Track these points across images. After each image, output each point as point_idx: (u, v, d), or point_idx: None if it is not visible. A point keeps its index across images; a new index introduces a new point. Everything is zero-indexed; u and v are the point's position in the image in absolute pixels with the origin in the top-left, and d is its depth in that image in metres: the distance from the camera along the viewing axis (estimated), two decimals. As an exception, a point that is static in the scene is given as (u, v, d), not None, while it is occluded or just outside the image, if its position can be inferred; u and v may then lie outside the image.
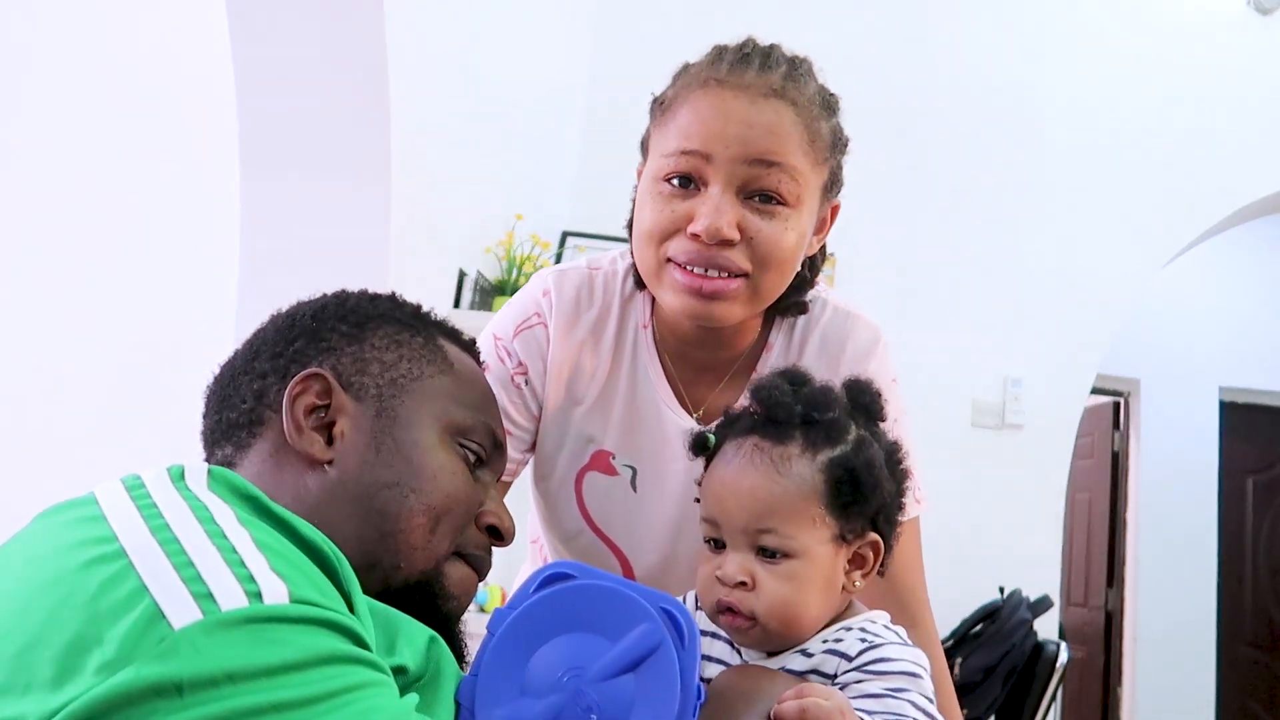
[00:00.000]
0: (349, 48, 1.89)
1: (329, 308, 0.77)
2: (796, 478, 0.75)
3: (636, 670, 0.62)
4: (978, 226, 3.40)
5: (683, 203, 0.86)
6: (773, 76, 0.86)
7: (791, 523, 0.74)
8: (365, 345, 0.74)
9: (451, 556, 0.73)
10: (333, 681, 0.51)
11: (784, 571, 0.74)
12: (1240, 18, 3.62)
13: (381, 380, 0.73)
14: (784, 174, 0.85)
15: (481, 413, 0.77)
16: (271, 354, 0.74)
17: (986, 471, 3.25)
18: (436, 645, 0.64)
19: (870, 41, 3.43)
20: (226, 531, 0.55)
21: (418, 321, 0.79)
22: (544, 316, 1.01)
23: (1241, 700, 4.82)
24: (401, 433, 0.71)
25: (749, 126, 0.84)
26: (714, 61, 0.88)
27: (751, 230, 0.85)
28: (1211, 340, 4.93)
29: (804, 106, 0.86)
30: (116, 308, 2.78)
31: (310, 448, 0.69)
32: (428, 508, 0.70)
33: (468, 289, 2.68)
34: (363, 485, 0.69)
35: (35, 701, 0.47)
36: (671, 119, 0.88)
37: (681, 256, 0.86)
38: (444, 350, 0.78)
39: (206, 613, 0.49)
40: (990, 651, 2.80)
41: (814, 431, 0.76)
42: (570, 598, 0.65)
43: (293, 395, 0.70)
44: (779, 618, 0.73)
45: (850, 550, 0.77)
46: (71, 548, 0.54)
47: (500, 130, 2.75)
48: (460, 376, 0.77)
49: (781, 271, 0.89)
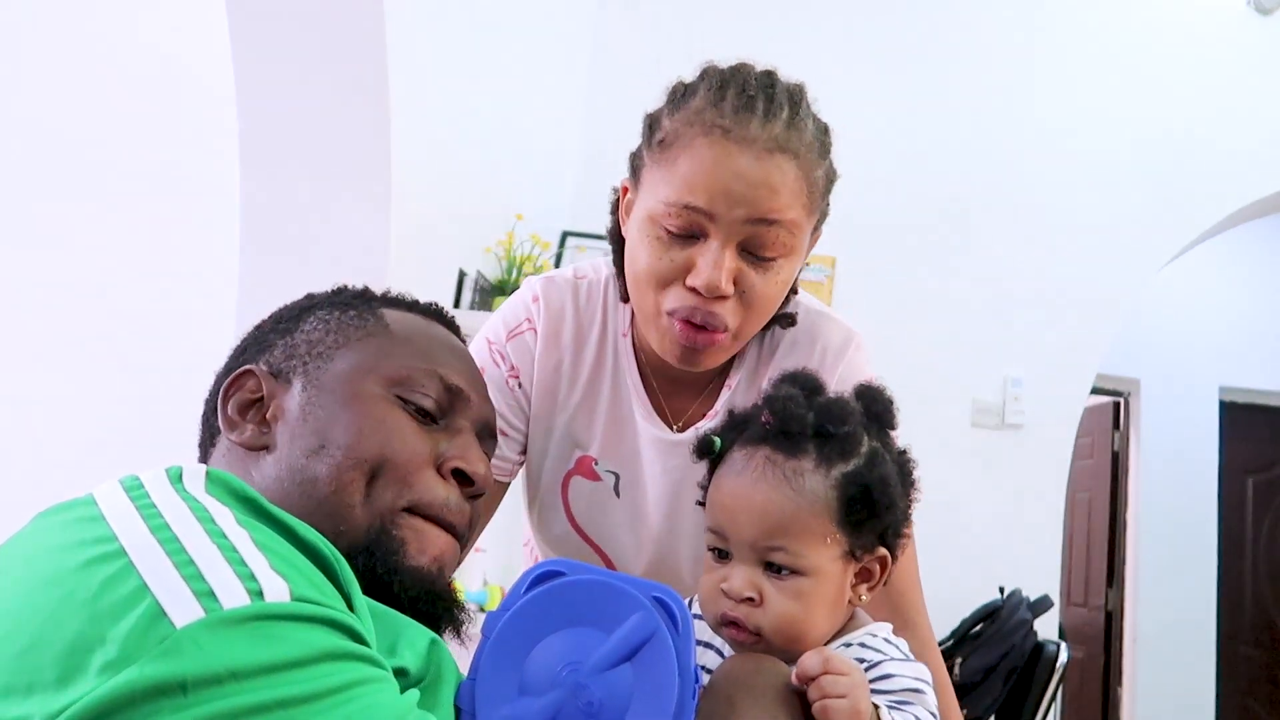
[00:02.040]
0: (349, 48, 1.89)
1: (272, 314, 0.80)
2: (809, 494, 0.73)
3: (634, 659, 0.62)
4: (978, 226, 3.40)
5: (681, 251, 0.86)
6: (776, 126, 0.85)
7: (803, 540, 0.72)
8: (297, 334, 0.76)
9: (402, 512, 0.70)
10: (334, 678, 0.51)
11: (792, 589, 0.73)
12: (1240, 18, 3.62)
13: (307, 357, 0.74)
14: (783, 230, 0.86)
15: (423, 361, 0.75)
16: (225, 370, 0.77)
17: (986, 471, 3.25)
18: (437, 648, 0.64)
19: (869, 41, 3.43)
20: (226, 531, 0.55)
21: (356, 299, 0.79)
22: (535, 322, 1.03)
23: (1241, 700, 4.82)
24: (326, 398, 0.71)
25: (754, 187, 0.84)
26: (717, 102, 0.86)
27: (746, 284, 0.86)
28: (1211, 340, 4.93)
29: (805, 158, 0.86)
30: (116, 308, 2.78)
31: (244, 437, 0.71)
32: (358, 462, 0.69)
33: (468, 289, 2.68)
34: (295, 458, 0.69)
35: (39, 702, 0.47)
36: (672, 163, 0.86)
37: (681, 311, 0.87)
38: (380, 315, 0.78)
39: (208, 611, 0.49)
40: (990, 651, 2.80)
41: (828, 445, 0.74)
42: (562, 594, 0.65)
43: (225, 394, 0.73)
44: (785, 635, 0.72)
45: (859, 565, 0.76)
46: (70, 548, 0.54)
47: (500, 130, 2.75)
48: (394, 333, 0.76)
49: (765, 318, 0.91)
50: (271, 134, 1.96)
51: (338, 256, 2.01)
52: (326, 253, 2.01)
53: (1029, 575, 3.08)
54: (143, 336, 2.71)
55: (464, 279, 2.68)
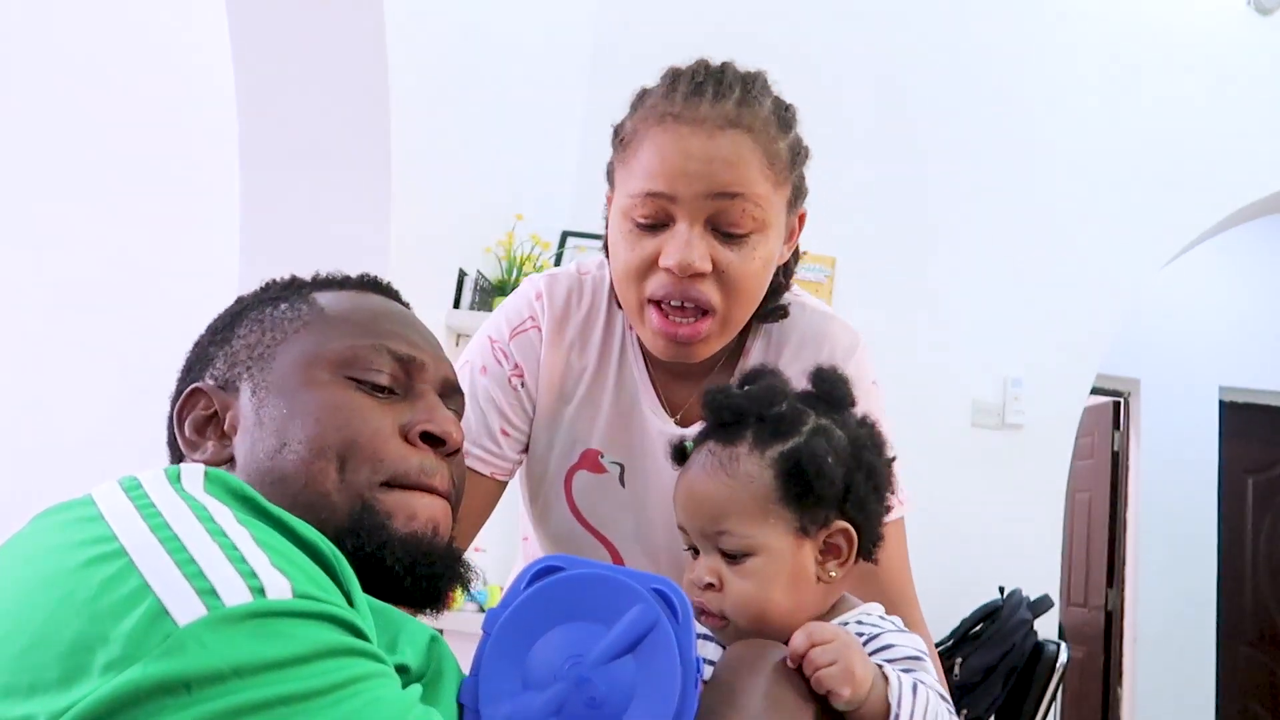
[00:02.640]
0: (349, 48, 1.89)
1: (204, 331, 0.79)
2: (744, 477, 0.76)
3: (635, 651, 0.62)
4: (978, 226, 3.40)
5: (653, 239, 0.89)
6: (726, 105, 0.87)
7: (745, 522, 0.75)
8: (233, 342, 0.76)
9: (380, 487, 0.70)
10: (338, 674, 0.51)
11: (746, 570, 0.75)
12: (1240, 18, 3.62)
13: (249, 362, 0.73)
14: (748, 202, 0.87)
15: (368, 336, 0.74)
16: (176, 392, 0.77)
17: (986, 471, 3.25)
18: (437, 644, 0.65)
19: (869, 45, 3.43)
20: (226, 530, 0.55)
21: (285, 291, 0.79)
22: (538, 319, 1.04)
23: (1241, 700, 4.82)
24: (275, 397, 0.71)
25: (708, 162, 0.85)
26: (668, 93, 0.89)
27: (722, 263, 0.88)
28: (1211, 340, 4.93)
29: (760, 131, 0.88)
30: (116, 309, 2.78)
31: (206, 454, 0.71)
32: (322, 449, 0.69)
33: (468, 289, 2.68)
34: (259, 460, 0.69)
35: (42, 702, 0.47)
36: (633, 157, 0.90)
37: (659, 293, 0.88)
38: (311, 301, 0.77)
39: (211, 609, 0.49)
40: (990, 651, 2.80)
41: (763, 428, 0.78)
42: (562, 589, 0.66)
43: (180, 418, 0.73)
44: (746, 615, 0.75)
45: (819, 541, 0.77)
46: (70, 548, 0.53)
47: (500, 130, 2.75)
48: (329, 317, 0.76)
49: (750, 299, 0.92)
50: (271, 134, 1.96)
51: (338, 256, 2.01)
52: (326, 253, 2.01)
53: (1029, 575, 3.08)
54: (142, 336, 2.71)
55: (464, 279, 2.68)
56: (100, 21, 2.90)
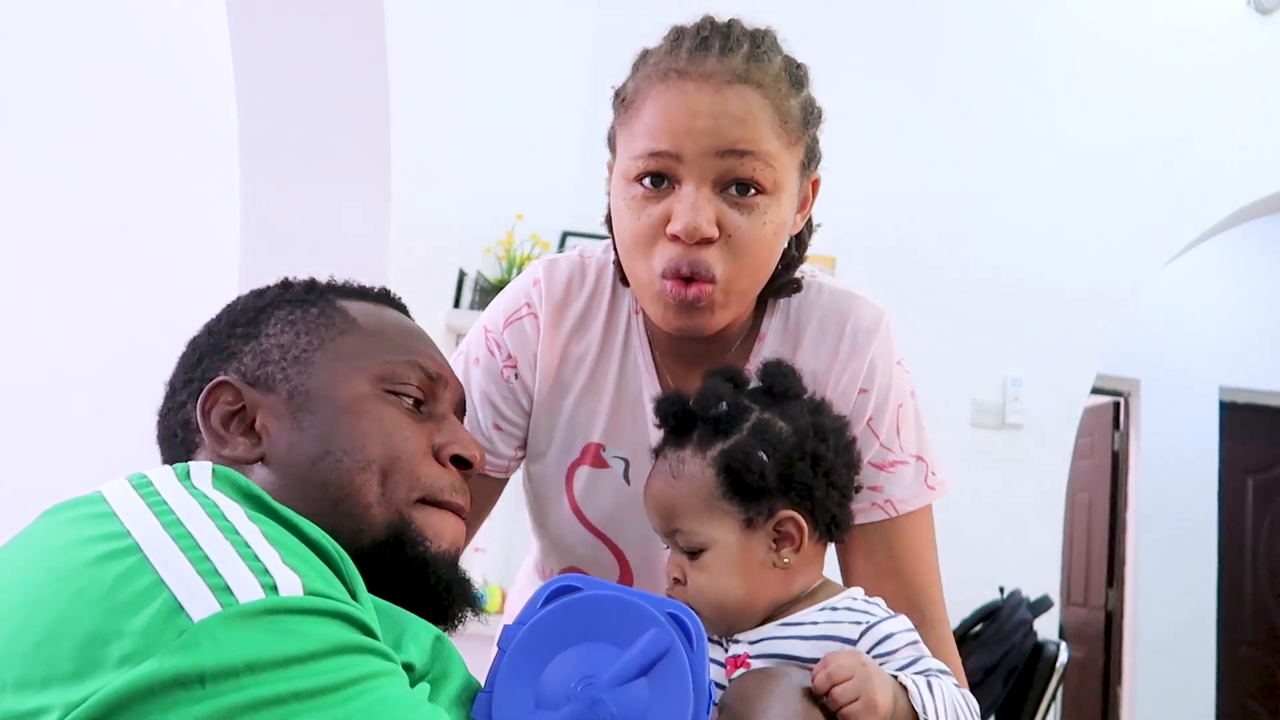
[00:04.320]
0: (349, 48, 1.89)
1: (221, 319, 0.78)
2: (688, 478, 0.80)
3: (648, 675, 0.63)
4: (978, 226, 3.40)
5: (658, 205, 0.83)
6: (734, 60, 0.82)
7: (693, 519, 0.80)
8: (261, 338, 0.75)
9: (416, 504, 0.72)
10: (348, 671, 0.52)
11: (701, 564, 0.80)
12: (1240, 18, 3.61)
13: (284, 363, 0.73)
14: (758, 161, 0.81)
15: (402, 353, 0.76)
16: (183, 383, 0.75)
17: (986, 471, 3.25)
18: (442, 644, 0.65)
19: (873, 41, 3.43)
20: (238, 526, 0.55)
21: (310, 295, 0.79)
22: (534, 306, 0.98)
23: (1241, 700, 4.82)
24: (317, 404, 0.71)
25: (716, 118, 0.80)
26: (672, 49, 0.84)
27: (730, 227, 0.82)
28: (1211, 340, 4.93)
29: (770, 87, 0.83)
30: (116, 308, 2.78)
31: (236, 451, 0.70)
32: (367, 463, 0.70)
33: (468, 289, 2.68)
34: (297, 467, 0.70)
35: (56, 694, 0.48)
36: (635, 116, 0.85)
37: (668, 265, 0.82)
38: (343, 310, 0.78)
39: (224, 605, 0.50)
40: (990, 651, 2.80)
41: (705, 429, 0.81)
42: (578, 609, 0.66)
43: (204, 410, 0.71)
44: (705, 605, 0.78)
45: (769, 530, 0.80)
46: (82, 543, 0.54)
47: (500, 130, 2.75)
48: (366, 329, 0.77)
49: (762, 268, 0.86)
50: (271, 134, 1.96)
51: (338, 256, 2.01)
52: (326, 253, 2.01)
53: (1029, 575, 3.08)
54: (143, 336, 2.71)
55: (464, 279, 2.68)
56: (100, 21, 2.90)
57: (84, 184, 2.84)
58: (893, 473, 0.95)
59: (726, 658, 0.80)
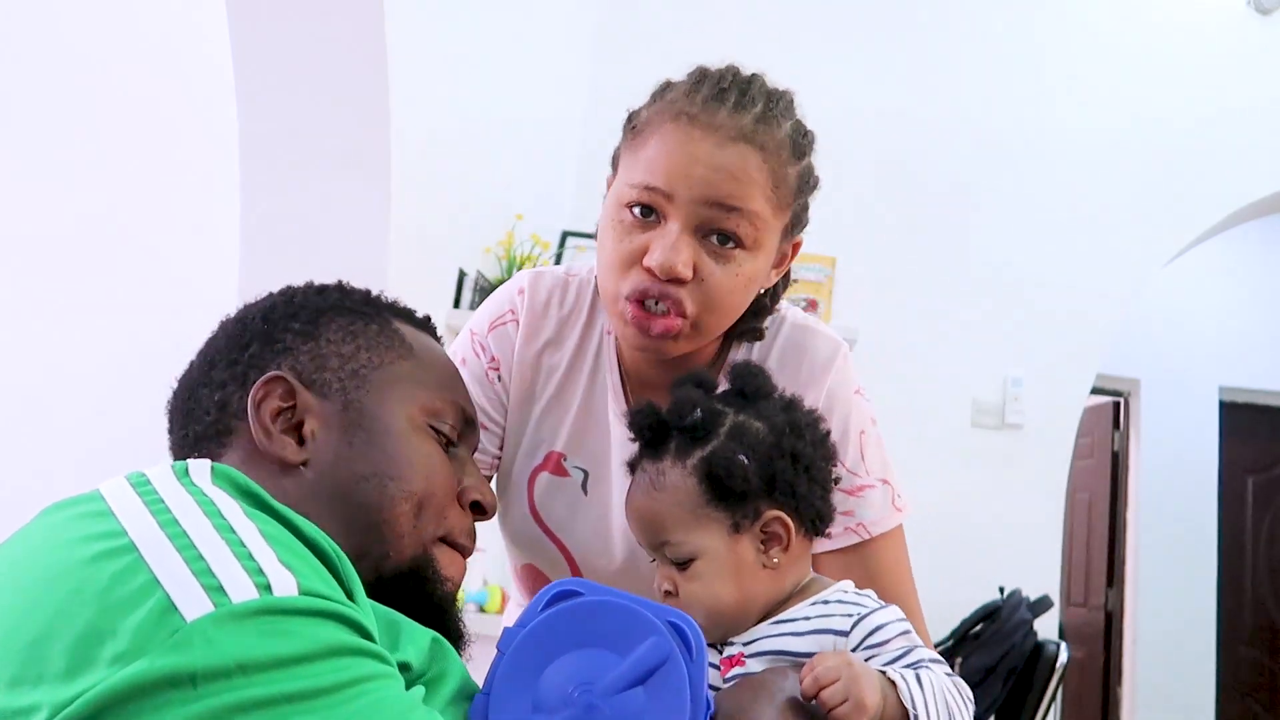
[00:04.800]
0: (349, 48, 1.89)
1: (278, 308, 0.77)
2: (671, 489, 0.80)
3: (646, 683, 0.63)
4: (978, 226, 3.40)
5: (641, 234, 0.87)
6: (744, 118, 0.85)
7: (680, 530, 0.79)
8: (320, 340, 0.74)
9: (438, 541, 0.73)
10: (342, 673, 0.52)
11: (692, 573, 0.79)
12: (1240, 18, 3.61)
13: (343, 374, 0.73)
14: (743, 219, 0.85)
15: (447, 391, 0.78)
16: (227, 362, 0.74)
17: (986, 471, 3.25)
18: (440, 644, 0.65)
19: (872, 40, 3.43)
20: (234, 525, 0.55)
21: (369, 308, 0.79)
22: (517, 314, 1.03)
23: (1241, 700, 4.83)
24: (371, 423, 0.72)
25: (713, 170, 0.84)
26: (690, 92, 0.88)
27: (704, 272, 0.86)
28: (1211, 340, 4.93)
29: (772, 152, 0.86)
30: (116, 309, 2.78)
31: (283, 451, 0.69)
32: (409, 494, 0.71)
33: (468, 289, 2.68)
34: (340, 481, 0.70)
35: (48, 692, 0.48)
36: (641, 146, 0.88)
37: (638, 290, 0.86)
38: (400, 334, 0.78)
39: (218, 605, 0.50)
40: (990, 651, 2.80)
41: (682, 438, 0.81)
42: (579, 614, 0.66)
43: (256, 401, 0.70)
44: (701, 613, 0.77)
45: (755, 532, 0.80)
46: (79, 542, 0.54)
47: (500, 130, 2.75)
48: (421, 358, 0.78)
49: (725, 313, 0.90)
50: (271, 134, 1.96)
51: (338, 256, 2.01)
52: (326, 253, 2.01)
53: (1029, 575, 3.08)
54: (143, 336, 2.71)
55: (464, 279, 2.68)
56: (100, 21, 2.90)
57: (84, 184, 2.84)
58: (862, 497, 0.99)
59: (721, 658, 0.80)
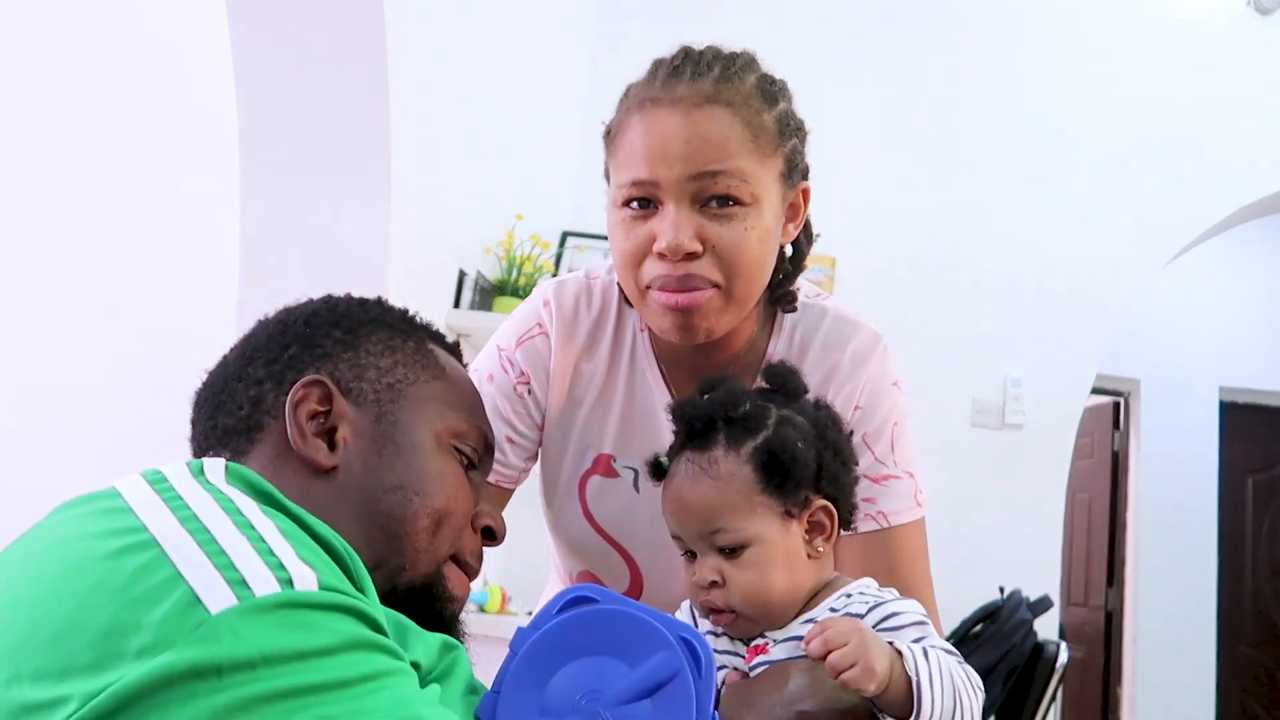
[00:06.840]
0: (349, 48, 1.89)
1: (321, 313, 0.78)
2: (727, 476, 0.80)
3: (653, 697, 0.63)
4: (978, 226, 3.40)
5: (644, 225, 0.88)
6: (704, 83, 0.86)
7: (736, 517, 0.80)
8: (360, 351, 0.75)
9: (449, 560, 0.75)
10: (362, 667, 0.53)
11: (745, 561, 0.80)
12: (1240, 18, 3.62)
13: (379, 386, 0.74)
14: (731, 178, 0.86)
15: (473, 416, 0.80)
16: (266, 360, 0.74)
17: (986, 471, 3.25)
18: (449, 646, 0.66)
19: (874, 40, 3.43)
20: (253, 522, 0.56)
21: (407, 326, 0.81)
22: (545, 327, 1.04)
23: (1241, 700, 4.83)
24: (402, 437, 0.73)
25: (687, 142, 0.85)
26: (648, 80, 0.90)
27: (713, 238, 0.86)
28: (1211, 340, 4.93)
29: (741, 104, 0.87)
30: (116, 309, 2.78)
31: (315, 454, 0.70)
32: (431, 510, 0.72)
33: (468, 289, 2.68)
34: (367, 489, 0.71)
35: (75, 685, 0.49)
36: (619, 147, 0.90)
37: (658, 280, 0.88)
38: (434, 355, 0.80)
39: (241, 598, 0.51)
40: (990, 651, 2.80)
41: (732, 429, 0.82)
42: (592, 622, 0.67)
43: (295, 402, 0.71)
44: (753, 603, 0.79)
45: (803, 521, 0.82)
46: (98, 537, 0.55)
47: (500, 130, 2.75)
48: (451, 381, 0.79)
49: (753, 273, 0.90)
50: (271, 134, 1.96)
51: (338, 256, 2.01)
52: (326, 253, 2.01)
53: (1029, 575, 3.08)
54: (143, 336, 2.71)
55: (464, 279, 2.68)
56: (100, 22, 2.90)
57: (84, 185, 2.84)
58: (886, 486, 0.99)
59: (748, 647, 0.81)
